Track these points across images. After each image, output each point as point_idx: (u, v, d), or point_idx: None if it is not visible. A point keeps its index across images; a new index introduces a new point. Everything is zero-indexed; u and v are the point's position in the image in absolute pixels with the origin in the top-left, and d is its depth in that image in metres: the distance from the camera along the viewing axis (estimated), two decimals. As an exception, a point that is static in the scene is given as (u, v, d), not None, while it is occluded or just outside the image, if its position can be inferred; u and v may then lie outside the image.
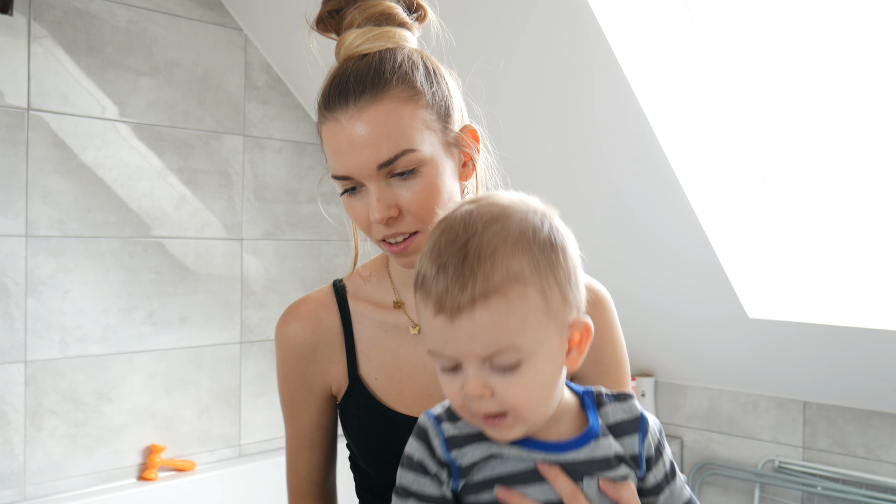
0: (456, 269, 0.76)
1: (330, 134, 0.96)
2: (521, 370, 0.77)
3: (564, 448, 0.82)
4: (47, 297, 2.11)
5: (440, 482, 0.82)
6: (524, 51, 2.02)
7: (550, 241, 0.79)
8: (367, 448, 1.07)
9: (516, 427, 0.79)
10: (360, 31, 0.98)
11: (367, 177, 0.95)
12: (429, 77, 0.98)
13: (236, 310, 2.50)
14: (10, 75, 2.04)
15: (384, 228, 0.97)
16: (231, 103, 2.47)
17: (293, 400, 1.11)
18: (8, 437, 2.05)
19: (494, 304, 0.75)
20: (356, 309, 1.10)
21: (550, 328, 0.78)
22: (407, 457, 0.85)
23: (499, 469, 0.81)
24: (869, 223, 2.15)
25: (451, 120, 1.00)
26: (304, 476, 1.13)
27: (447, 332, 0.76)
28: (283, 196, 2.60)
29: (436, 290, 0.77)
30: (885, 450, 2.30)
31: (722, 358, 2.50)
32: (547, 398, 0.80)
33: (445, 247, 0.78)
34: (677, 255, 2.25)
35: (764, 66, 2.09)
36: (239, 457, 2.50)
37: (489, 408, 0.77)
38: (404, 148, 0.94)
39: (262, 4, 2.37)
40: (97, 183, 2.19)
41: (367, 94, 0.94)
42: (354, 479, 1.15)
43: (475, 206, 0.81)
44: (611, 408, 0.86)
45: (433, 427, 0.83)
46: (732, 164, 2.21)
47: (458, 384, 0.78)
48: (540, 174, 2.28)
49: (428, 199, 0.96)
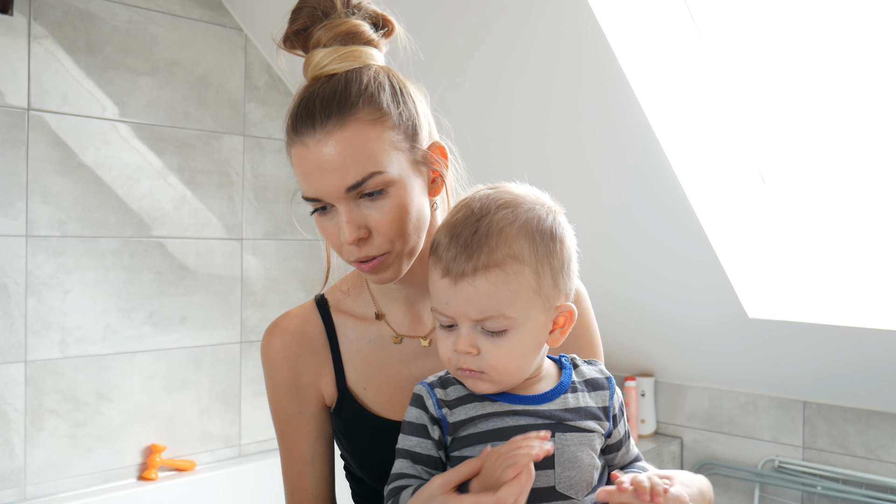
0: (466, 241, 0.89)
1: (298, 157, 0.97)
2: (506, 336, 0.89)
3: (539, 400, 0.93)
4: (47, 297, 2.11)
5: (434, 440, 0.92)
6: (523, 51, 2.02)
7: (551, 231, 0.92)
8: (361, 457, 1.07)
9: (489, 384, 0.91)
10: (326, 51, 0.98)
11: (335, 199, 0.96)
12: (395, 97, 0.98)
13: (236, 310, 2.50)
14: (10, 75, 2.04)
15: (355, 250, 0.98)
16: (231, 103, 2.47)
17: (288, 415, 1.10)
18: (8, 437, 2.05)
19: (493, 275, 0.88)
20: (340, 322, 1.11)
21: (538, 306, 0.90)
22: (406, 422, 0.95)
23: (482, 426, 0.91)
24: (869, 223, 2.15)
25: (419, 138, 1.01)
26: (311, 493, 1.10)
27: (449, 293, 0.89)
28: (283, 196, 2.60)
29: (446, 256, 0.89)
30: (885, 450, 2.30)
31: (722, 358, 2.50)
32: (522, 366, 0.92)
33: (461, 221, 0.91)
34: (677, 256, 2.25)
35: (764, 65, 2.09)
36: (239, 457, 2.50)
37: (472, 364, 0.90)
38: (371, 171, 0.94)
39: (262, 4, 2.37)
40: (97, 183, 2.19)
41: (333, 118, 0.94)
42: (351, 488, 1.15)
43: (493, 192, 0.94)
44: (584, 368, 0.99)
45: (427, 391, 0.94)
46: (732, 164, 2.21)
47: (452, 340, 0.91)
48: (539, 174, 2.28)
49: (396, 219, 0.97)
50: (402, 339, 1.09)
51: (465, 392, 0.94)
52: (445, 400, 0.93)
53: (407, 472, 0.92)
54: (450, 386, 0.95)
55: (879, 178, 2.09)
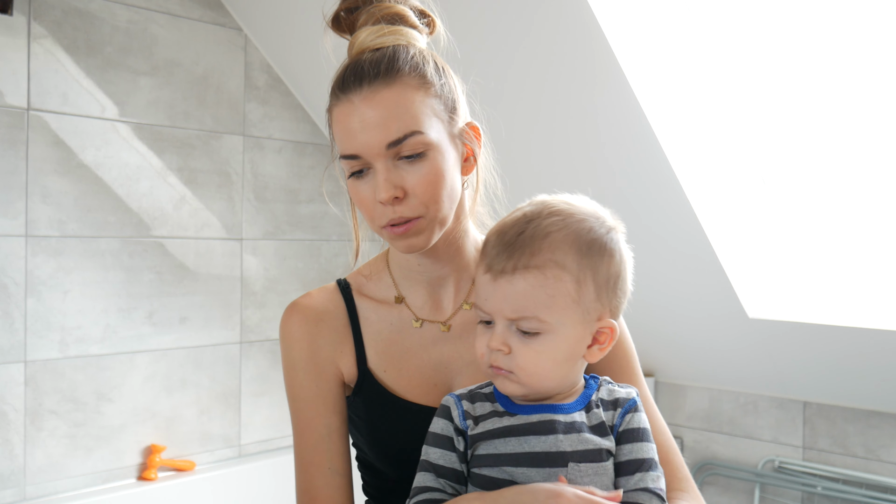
0: (510, 240, 0.90)
1: (342, 114, 1.00)
2: (538, 339, 0.89)
3: (557, 410, 0.92)
4: (47, 297, 2.11)
5: (459, 452, 0.92)
6: (525, 52, 2.02)
7: (601, 245, 0.92)
8: (378, 440, 1.08)
9: (515, 385, 0.91)
10: (374, 28, 1.03)
11: (375, 156, 0.98)
12: (438, 71, 1.03)
13: (236, 310, 2.50)
14: (10, 75, 2.04)
15: (388, 212, 0.99)
16: (231, 103, 2.47)
17: (305, 389, 1.08)
18: (8, 437, 2.05)
19: (532, 276, 0.89)
20: (361, 304, 1.12)
21: (575, 316, 0.90)
22: (432, 434, 0.95)
23: (501, 448, 0.90)
24: (868, 223, 2.15)
25: (457, 113, 1.05)
26: (326, 467, 1.06)
27: (489, 288, 0.91)
28: (283, 196, 2.60)
29: (490, 253, 0.92)
30: (885, 450, 2.30)
31: (722, 358, 2.50)
32: (551, 372, 0.91)
33: (511, 222, 0.93)
34: (678, 255, 2.25)
35: (764, 66, 2.09)
36: (239, 457, 2.50)
37: (502, 363, 0.90)
38: (413, 129, 0.98)
39: (262, 4, 2.37)
40: (97, 183, 2.19)
41: (380, 77, 0.98)
42: (362, 478, 1.15)
43: (549, 198, 0.97)
44: (613, 387, 0.97)
45: (455, 403, 0.95)
46: (732, 164, 2.21)
47: (488, 337, 0.92)
48: (539, 175, 2.28)
49: (432, 182, 0.99)
50: (423, 322, 1.10)
51: (490, 408, 0.94)
52: (472, 414, 0.94)
53: (431, 485, 0.92)
54: (477, 401, 0.95)
55: (879, 178, 2.09)
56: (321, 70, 2.58)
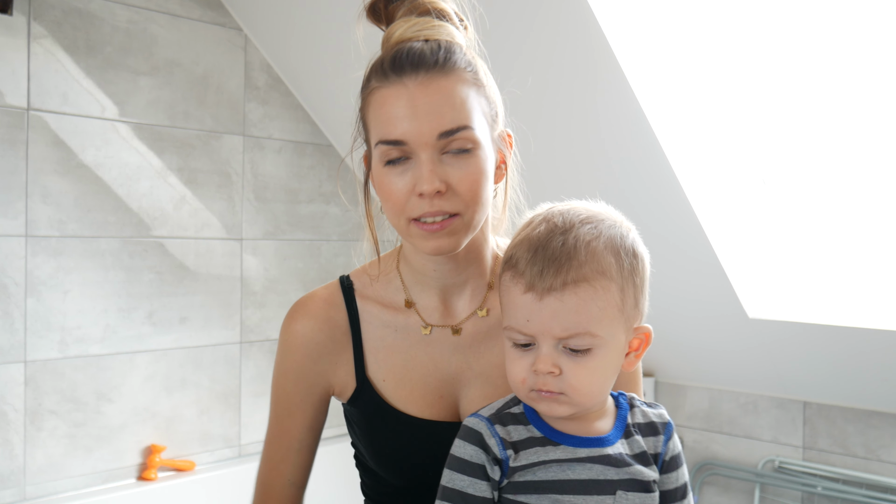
0: (553, 254, 0.85)
1: (391, 96, 0.95)
2: (589, 356, 0.85)
3: (602, 443, 0.88)
4: (47, 297, 2.11)
5: (492, 482, 0.87)
6: (525, 54, 2.02)
7: (633, 249, 0.89)
8: (376, 450, 1.05)
9: (566, 406, 0.86)
10: (420, 20, 0.99)
11: (423, 145, 0.93)
12: (486, 75, 1.02)
13: (236, 310, 2.50)
14: (10, 75, 2.04)
15: (425, 204, 0.94)
16: (231, 103, 2.47)
17: (290, 398, 1.08)
18: (8, 437, 2.05)
19: (582, 290, 0.84)
20: (364, 308, 1.08)
21: (620, 325, 0.87)
22: (459, 459, 0.89)
23: (542, 475, 0.86)
24: (868, 223, 2.15)
25: (498, 118, 1.03)
26: (287, 479, 1.09)
27: (532, 309, 0.85)
28: (283, 196, 2.60)
29: (530, 271, 0.85)
30: (885, 450, 2.30)
31: (722, 358, 2.50)
32: (603, 387, 0.88)
33: (545, 234, 0.87)
34: (677, 255, 2.25)
35: (764, 66, 2.09)
36: (239, 457, 2.50)
37: (552, 385, 0.85)
38: (465, 123, 0.94)
39: (262, 4, 2.37)
40: (97, 183, 2.19)
41: (439, 65, 0.95)
42: (360, 477, 1.13)
43: (566, 206, 0.91)
44: (645, 409, 0.94)
45: (488, 428, 0.89)
46: (732, 164, 2.21)
47: (528, 360, 0.86)
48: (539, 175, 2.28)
49: (476, 181, 0.95)
50: (432, 328, 1.06)
51: (526, 434, 0.89)
52: (509, 440, 0.88)
53: None
54: (509, 423, 0.90)
55: (879, 178, 2.09)
56: (321, 70, 2.58)
